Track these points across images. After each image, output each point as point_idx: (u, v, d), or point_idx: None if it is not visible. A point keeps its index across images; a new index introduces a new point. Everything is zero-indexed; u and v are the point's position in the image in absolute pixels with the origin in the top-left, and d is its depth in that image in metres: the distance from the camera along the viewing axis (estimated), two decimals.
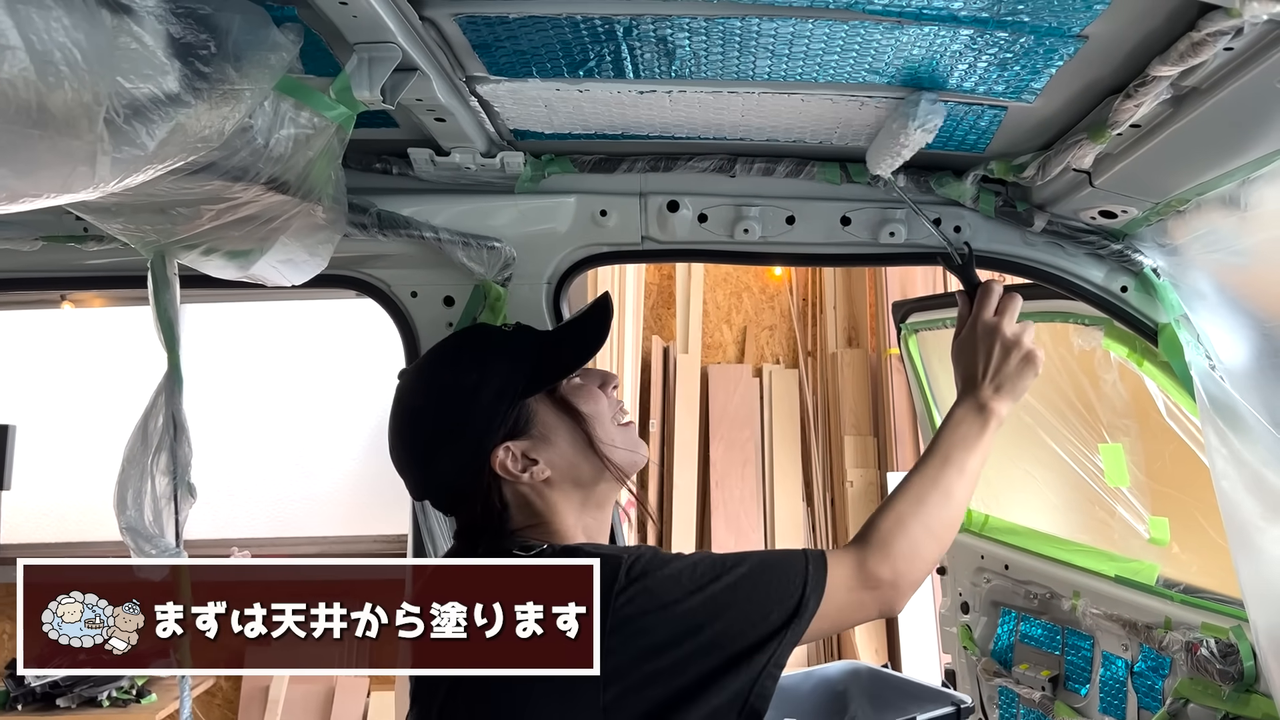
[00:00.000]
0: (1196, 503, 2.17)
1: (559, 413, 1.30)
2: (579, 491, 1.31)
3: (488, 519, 1.28)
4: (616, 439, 1.33)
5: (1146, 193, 1.42)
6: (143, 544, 1.42)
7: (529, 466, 1.26)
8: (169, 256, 1.45)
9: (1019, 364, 1.38)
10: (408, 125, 1.52)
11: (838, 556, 1.22)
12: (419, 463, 1.31)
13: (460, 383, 1.29)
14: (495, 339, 1.35)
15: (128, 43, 0.90)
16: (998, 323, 1.41)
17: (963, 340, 1.45)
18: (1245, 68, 1.03)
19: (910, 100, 1.31)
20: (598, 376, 1.37)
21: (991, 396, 1.37)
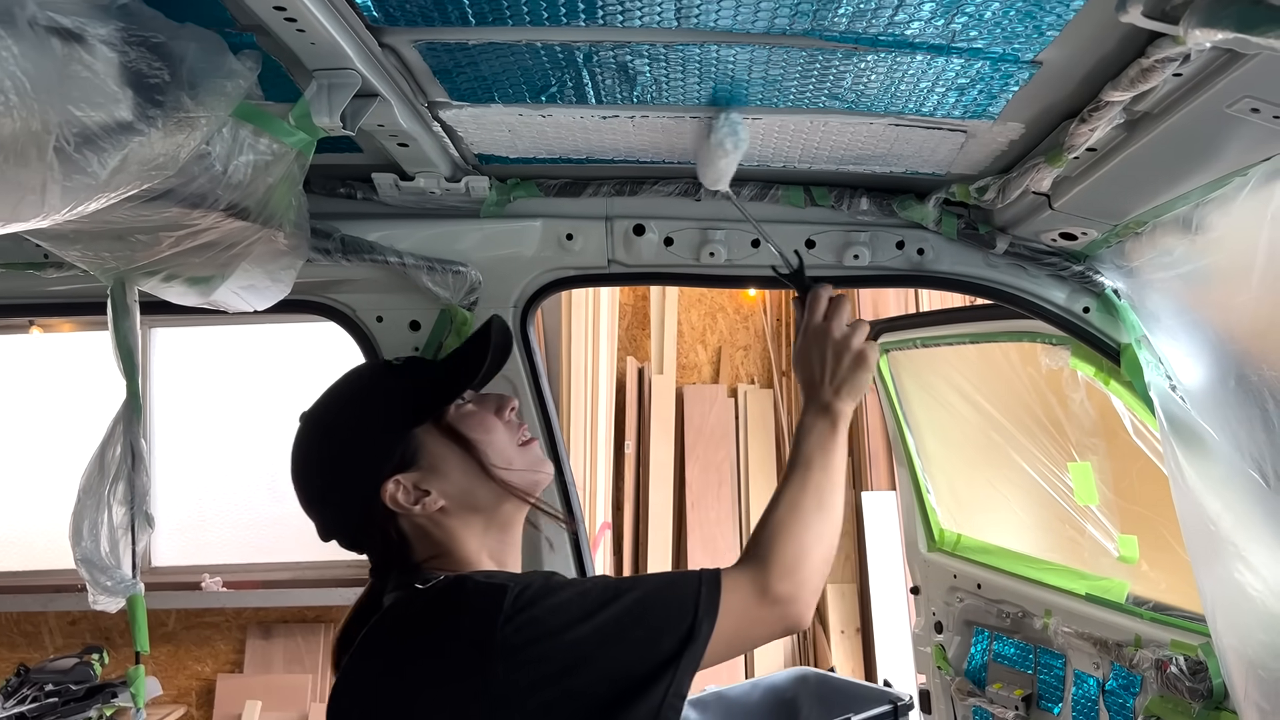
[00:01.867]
0: (1164, 520, 2.18)
1: (447, 441, 1.29)
2: (478, 517, 1.30)
3: (391, 554, 1.28)
4: (514, 461, 1.32)
5: (1105, 215, 1.43)
6: (99, 576, 1.39)
7: (421, 498, 1.26)
8: (129, 283, 1.44)
9: (851, 364, 1.38)
10: (371, 150, 1.51)
11: (733, 576, 1.20)
12: (316, 504, 1.31)
13: (347, 421, 1.30)
14: (381, 374, 1.36)
15: (78, 71, 0.89)
16: (827, 326, 1.41)
17: (798, 347, 1.45)
18: (1194, 93, 1.05)
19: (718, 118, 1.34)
20: (493, 401, 1.37)
21: (833, 398, 1.37)
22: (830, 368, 1.39)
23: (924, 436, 3.09)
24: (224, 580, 5.01)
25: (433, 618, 1.15)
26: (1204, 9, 0.80)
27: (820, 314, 1.43)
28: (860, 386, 1.39)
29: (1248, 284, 1.27)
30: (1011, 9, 1.00)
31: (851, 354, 1.39)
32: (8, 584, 4.97)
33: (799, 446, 1.36)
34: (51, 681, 4.05)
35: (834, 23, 1.06)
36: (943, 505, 3.08)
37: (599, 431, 5.20)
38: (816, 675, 2.87)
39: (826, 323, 1.42)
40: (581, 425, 5.11)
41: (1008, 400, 2.66)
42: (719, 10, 1.05)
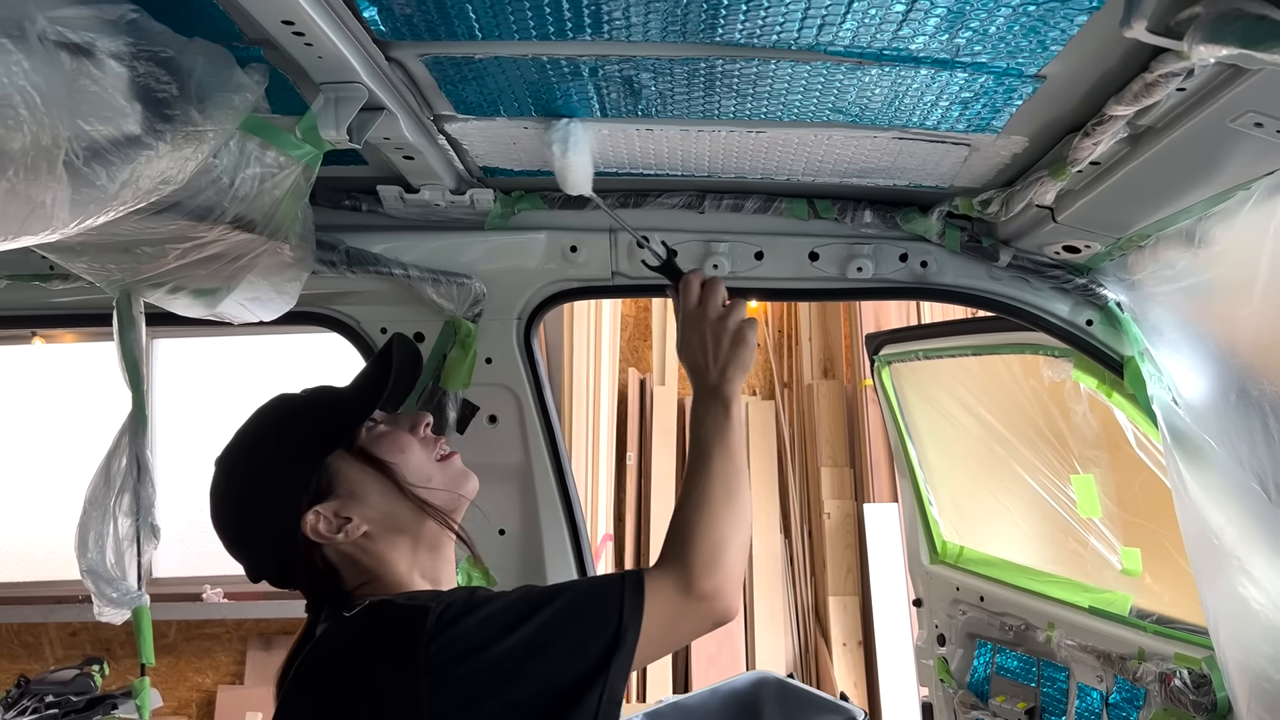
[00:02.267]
0: (1167, 533, 2.18)
1: (362, 465, 1.26)
2: (404, 538, 1.27)
3: (321, 586, 1.26)
4: (434, 478, 1.29)
5: (1108, 228, 1.43)
6: (104, 587, 1.39)
7: (342, 525, 1.23)
8: (135, 295, 1.44)
9: (731, 345, 1.38)
10: (376, 162, 1.52)
11: (655, 577, 1.19)
12: (239, 546, 1.28)
13: (259, 457, 1.27)
14: (289, 406, 1.32)
15: (87, 85, 0.90)
16: (702, 310, 1.42)
17: (679, 337, 1.45)
18: (1198, 108, 1.05)
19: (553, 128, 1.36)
20: (406, 420, 1.34)
21: (719, 381, 1.37)
22: (711, 351, 1.39)
23: (926, 448, 3.09)
24: (225, 591, 5.00)
25: (358, 646, 1.13)
26: (1208, 25, 0.81)
27: (694, 299, 1.44)
28: (743, 364, 1.39)
29: (1250, 298, 1.27)
30: (1016, 24, 1.01)
31: (729, 334, 1.39)
32: (9, 595, 4.96)
33: (696, 437, 1.35)
34: (52, 693, 4.04)
35: (838, 37, 1.07)
36: (945, 517, 3.08)
37: (600, 442, 5.20)
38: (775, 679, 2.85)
39: (701, 307, 1.42)
40: (583, 436, 5.11)
41: (1010, 412, 2.66)
42: (724, 23, 1.05)
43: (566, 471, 1.88)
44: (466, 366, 1.77)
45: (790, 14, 1.02)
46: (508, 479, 1.89)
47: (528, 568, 1.88)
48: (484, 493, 1.88)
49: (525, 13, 1.04)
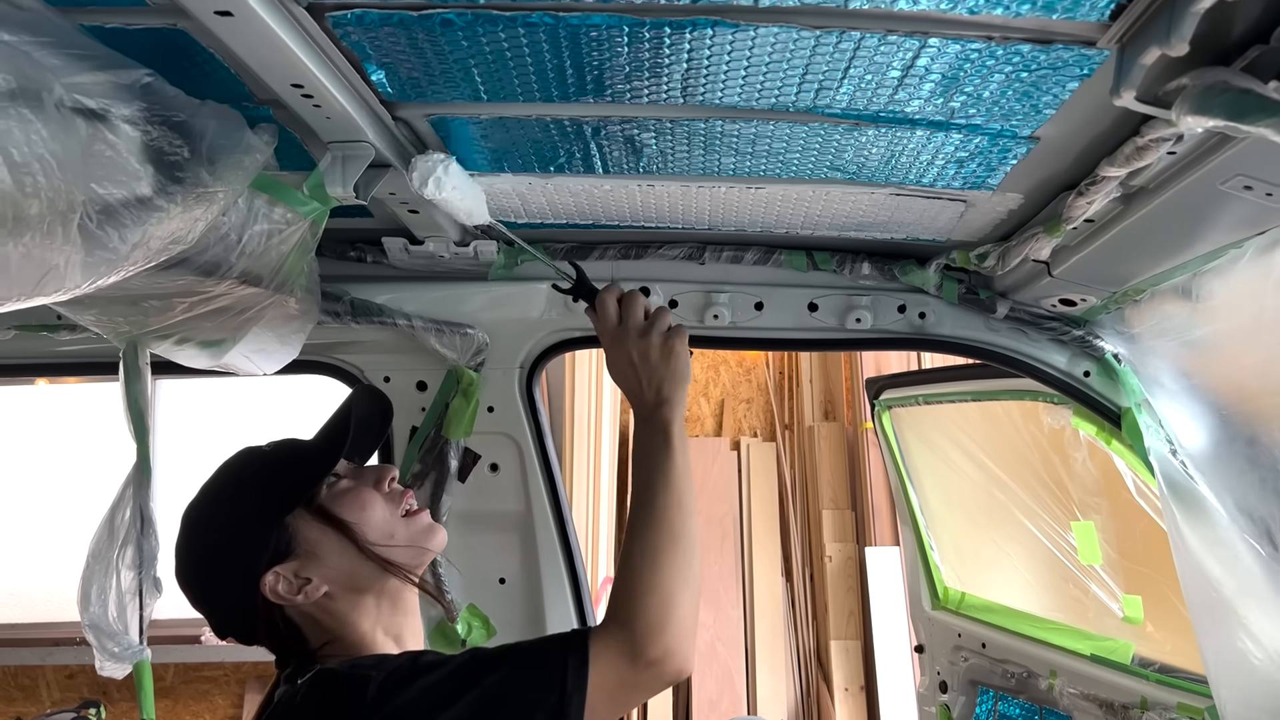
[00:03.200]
0: (1169, 581, 2.17)
1: (322, 524, 1.22)
2: (366, 596, 1.24)
3: (285, 646, 1.24)
4: (396, 534, 1.25)
5: (1103, 282, 1.45)
6: (106, 642, 1.39)
7: (302, 586, 1.20)
8: (141, 346, 1.46)
9: (660, 358, 1.29)
10: (382, 215, 1.54)
11: (599, 643, 1.13)
12: (203, 603, 1.26)
13: (219, 517, 1.25)
14: (251, 463, 1.29)
15: (102, 150, 0.92)
16: (623, 329, 1.32)
17: (607, 360, 1.35)
18: (1188, 170, 1.07)
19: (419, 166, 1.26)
20: (370, 474, 1.30)
21: (658, 401, 1.28)
22: (641, 369, 1.29)
23: (927, 493, 3.09)
24: None
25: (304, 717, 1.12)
26: (1195, 97, 0.83)
27: (613, 317, 1.34)
28: (678, 376, 1.29)
29: (1253, 351, 1.28)
30: (1009, 89, 1.03)
31: (655, 347, 1.30)
32: (5, 637, 4.93)
33: (639, 473, 1.26)
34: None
35: (835, 100, 1.09)
36: (947, 563, 3.07)
37: (602, 485, 5.19)
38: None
39: (622, 325, 1.33)
40: (585, 479, 5.11)
41: (1010, 458, 2.67)
42: (724, 88, 1.08)
43: (567, 520, 1.89)
44: (469, 415, 1.78)
45: (788, 79, 1.04)
46: (508, 527, 1.89)
47: (528, 616, 1.88)
48: (485, 540, 1.90)
49: (529, 76, 1.07)
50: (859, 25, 0.92)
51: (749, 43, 0.97)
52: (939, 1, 0.87)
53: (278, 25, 0.91)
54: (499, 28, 0.96)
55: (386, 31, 0.97)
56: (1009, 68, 0.98)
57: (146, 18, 0.95)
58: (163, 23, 0.96)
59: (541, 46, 0.99)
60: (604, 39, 0.97)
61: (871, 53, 0.97)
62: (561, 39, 0.98)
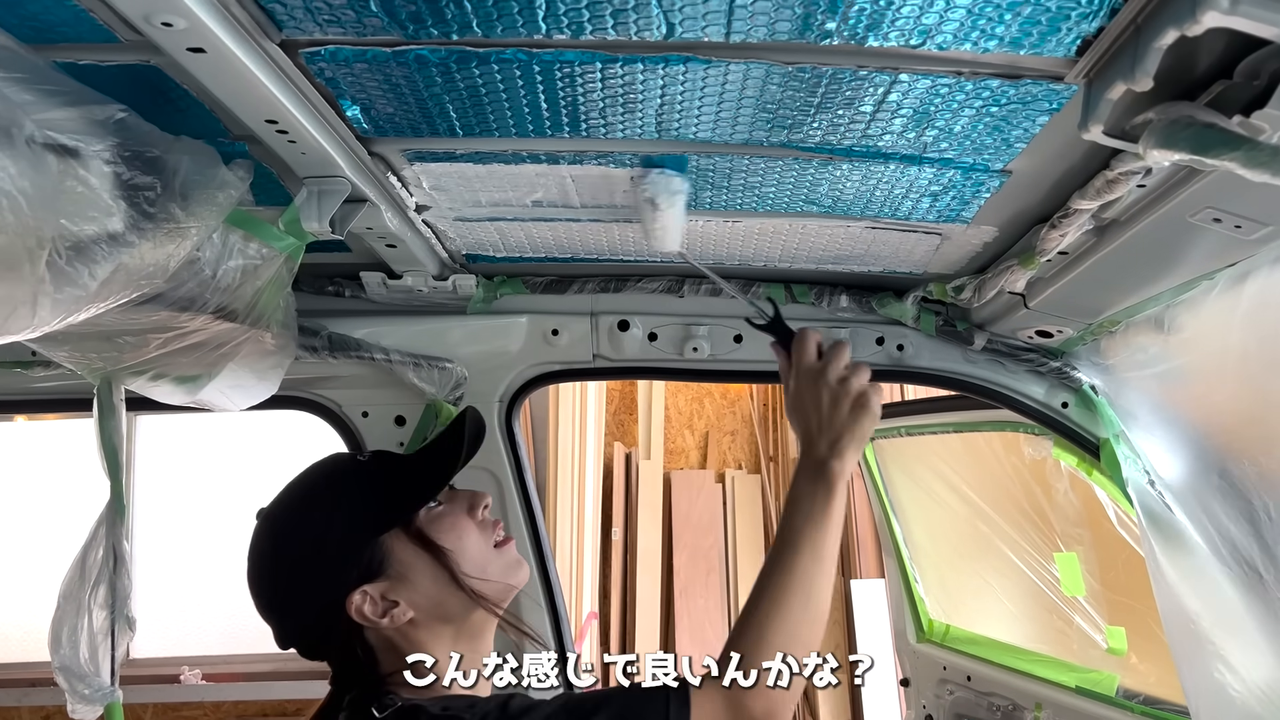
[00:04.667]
0: (1152, 612, 2.17)
1: (417, 548, 1.19)
2: (448, 627, 1.21)
3: (353, 667, 1.20)
4: (489, 569, 1.23)
5: (1078, 314, 1.46)
6: (77, 684, 1.37)
7: (389, 609, 1.17)
8: (115, 382, 1.44)
9: (851, 408, 1.23)
10: (360, 250, 1.54)
11: (703, 695, 1.09)
12: (274, 612, 1.22)
13: (309, 524, 1.20)
14: (347, 472, 1.26)
15: (74, 186, 0.92)
16: (822, 367, 1.26)
17: (789, 400, 1.29)
18: (1158, 203, 1.08)
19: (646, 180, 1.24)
20: (464, 500, 1.27)
21: (829, 454, 1.21)
22: (827, 414, 1.23)
23: (911, 526, 3.09)
24: (203, 673, 4.90)
25: None
26: (1160, 131, 0.84)
27: (812, 356, 1.29)
28: (862, 436, 1.23)
29: (1222, 383, 1.29)
30: (980, 123, 1.04)
31: (851, 398, 1.23)
32: None
33: (789, 520, 1.21)
34: None
35: (809, 135, 1.10)
36: (931, 595, 3.06)
37: (585, 518, 5.17)
38: None
39: (822, 363, 1.27)
40: (568, 512, 5.08)
41: (992, 490, 2.67)
42: (698, 123, 1.08)
43: (547, 555, 1.88)
44: None
45: (761, 114, 1.05)
46: None
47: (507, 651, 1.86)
48: None
49: (504, 111, 1.07)
50: (830, 61, 0.93)
51: (721, 79, 0.97)
52: (908, 38, 0.87)
53: (251, 62, 0.91)
54: (473, 64, 0.96)
55: (360, 68, 0.97)
56: (979, 102, 0.99)
57: (119, 54, 0.95)
58: (136, 59, 0.96)
59: (516, 82, 1.00)
60: (577, 75, 0.98)
61: (843, 88, 0.98)
62: (535, 75, 0.98)
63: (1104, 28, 0.82)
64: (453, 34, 0.90)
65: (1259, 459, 1.20)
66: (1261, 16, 0.68)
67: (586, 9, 0.85)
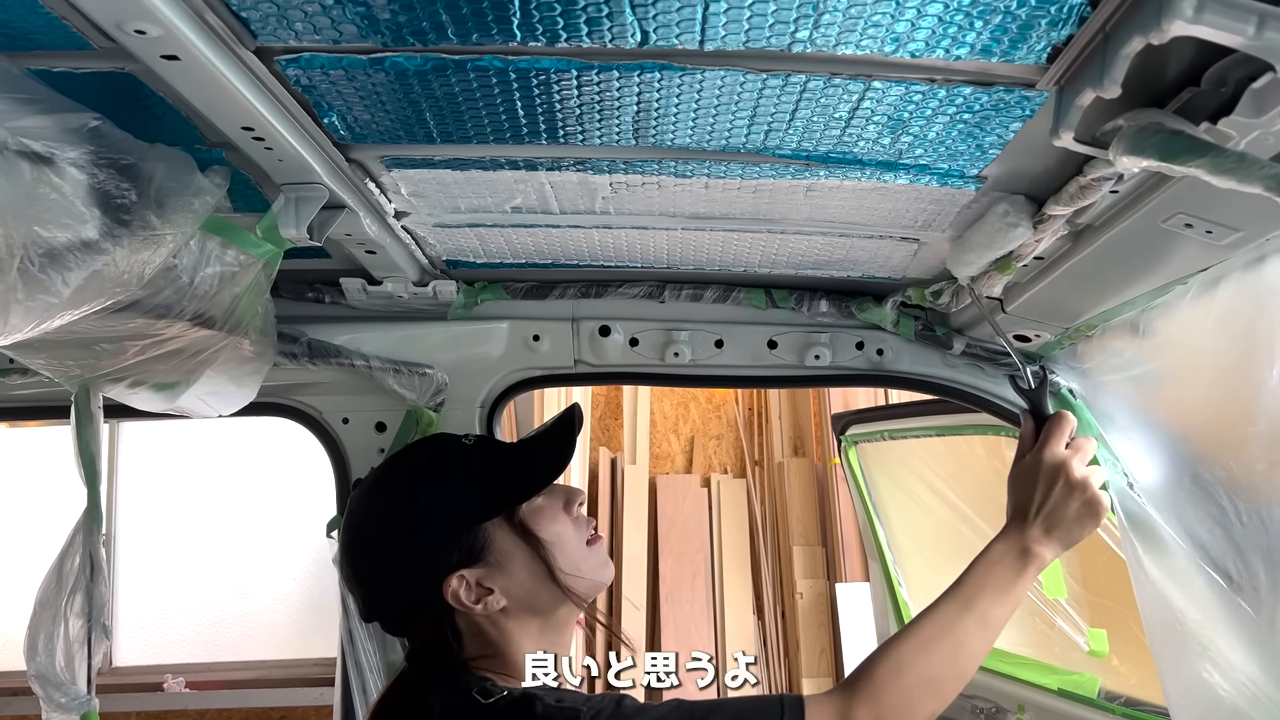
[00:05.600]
0: (1133, 614, 2.18)
1: (517, 538, 1.21)
2: (536, 619, 1.23)
3: (439, 646, 1.21)
4: (582, 566, 1.24)
5: (1055, 318, 1.47)
6: (52, 692, 1.36)
7: (484, 596, 1.18)
8: (93, 390, 1.44)
9: (1080, 509, 1.25)
10: (339, 255, 1.54)
11: (818, 705, 1.11)
12: (367, 585, 1.24)
13: (412, 504, 1.21)
14: (453, 454, 1.26)
15: (47, 193, 0.91)
16: (1066, 459, 1.28)
17: (1023, 469, 1.31)
18: (1131, 209, 1.09)
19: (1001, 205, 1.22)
20: (561, 495, 1.28)
21: (1039, 538, 1.25)
22: (1054, 504, 1.25)
23: (895, 529, 3.10)
24: (187, 681, 4.87)
25: None
26: (1130, 138, 0.84)
27: (1063, 443, 1.30)
28: (1077, 538, 1.26)
29: (1195, 386, 1.30)
30: (954, 130, 1.05)
31: (1084, 497, 1.26)
32: None
33: (970, 577, 1.23)
34: None
35: (785, 141, 1.10)
36: (915, 599, 3.07)
37: None
38: None
39: (1069, 454, 1.28)
40: None
41: (975, 493, 2.68)
42: (675, 130, 1.09)
43: None
44: None
45: (738, 121, 1.05)
46: None
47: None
48: None
49: (482, 118, 1.07)
50: (804, 69, 0.94)
51: (697, 86, 0.98)
52: (881, 45, 0.88)
53: (226, 70, 0.90)
54: (449, 72, 0.96)
55: (337, 75, 0.97)
56: (952, 109, 1.00)
57: (93, 61, 0.95)
58: (110, 67, 0.96)
59: (492, 90, 1.00)
60: (553, 82, 0.98)
61: (817, 95, 0.99)
62: (512, 82, 0.98)
63: (1073, 35, 0.83)
64: (428, 41, 0.90)
65: (1229, 463, 1.21)
66: (1225, 25, 0.68)
67: (561, 17, 0.85)
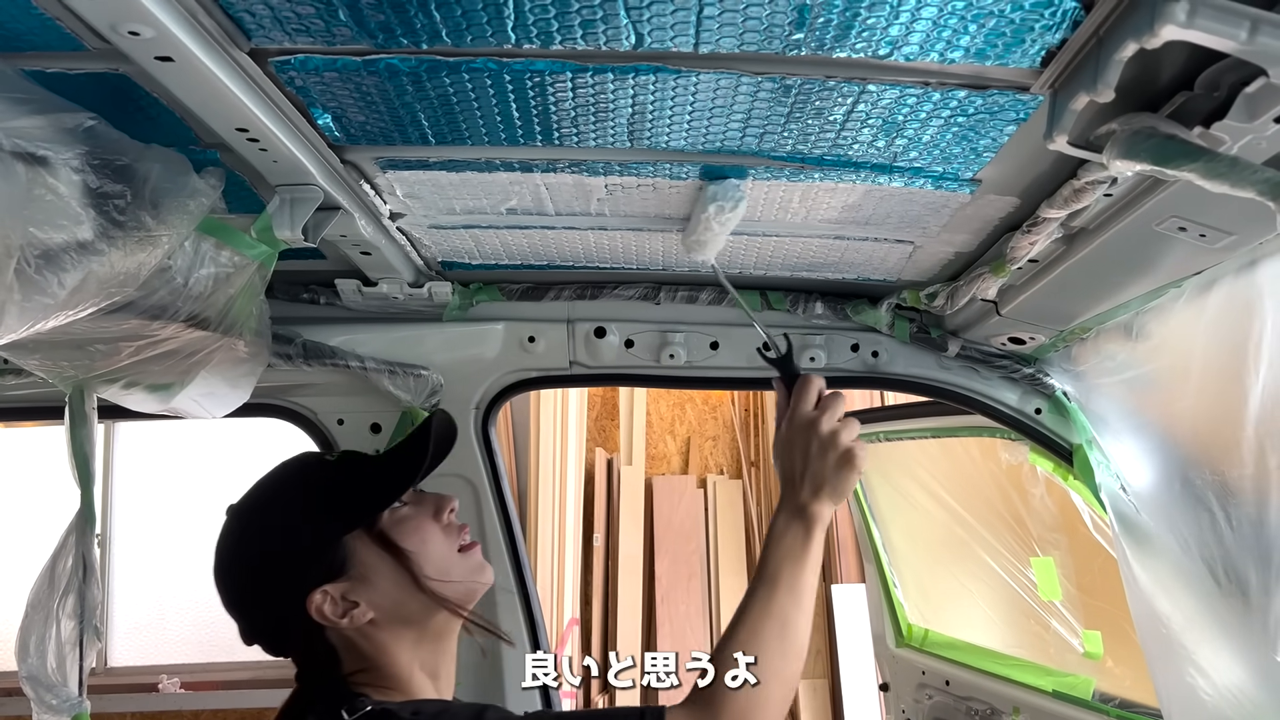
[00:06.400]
0: (1127, 616, 2.19)
1: (380, 549, 1.20)
2: (410, 629, 1.21)
3: (316, 665, 1.21)
4: (452, 571, 1.23)
5: (1050, 321, 1.47)
6: (44, 694, 1.36)
7: (349, 610, 1.17)
8: (87, 391, 1.44)
9: (837, 462, 1.25)
10: (335, 256, 1.54)
11: (679, 715, 1.11)
12: (238, 608, 1.22)
13: (274, 522, 1.21)
14: (314, 471, 1.26)
15: (42, 194, 0.91)
16: (816, 418, 1.28)
17: (780, 437, 1.32)
18: (1125, 212, 1.09)
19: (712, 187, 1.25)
20: (431, 503, 1.27)
21: (810, 499, 1.25)
22: (814, 464, 1.26)
23: (890, 531, 3.10)
24: (182, 681, 4.87)
25: None
26: (1123, 142, 0.85)
27: (810, 404, 1.31)
28: (844, 490, 1.26)
29: (1187, 390, 1.31)
30: (948, 133, 1.05)
31: (838, 452, 1.25)
32: None
33: (767, 558, 1.24)
34: None
35: (780, 144, 1.11)
36: (910, 600, 3.07)
37: (567, 524, 5.16)
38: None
39: (817, 414, 1.29)
40: (549, 518, 5.08)
41: (970, 495, 2.68)
42: (670, 132, 1.09)
43: (524, 563, 1.87)
44: None
45: (732, 123, 1.06)
46: None
47: (484, 663, 1.85)
48: None
49: (476, 120, 1.07)
50: (798, 72, 0.94)
51: (691, 88, 0.98)
52: (875, 48, 0.88)
53: (220, 71, 0.90)
54: (443, 73, 0.96)
55: (331, 77, 0.97)
56: (947, 112, 1.00)
57: (87, 62, 0.95)
58: (104, 68, 0.96)
59: (487, 91, 1.00)
60: (548, 84, 0.98)
61: (812, 98, 0.99)
62: (506, 84, 0.99)
63: (1067, 39, 0.83)
64: (422, 43, 0.91)
65: (1220, 468, 1.21)
66: (1217, 30, 0.69)
67: (555, 19, 0.85)
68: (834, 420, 1.28)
